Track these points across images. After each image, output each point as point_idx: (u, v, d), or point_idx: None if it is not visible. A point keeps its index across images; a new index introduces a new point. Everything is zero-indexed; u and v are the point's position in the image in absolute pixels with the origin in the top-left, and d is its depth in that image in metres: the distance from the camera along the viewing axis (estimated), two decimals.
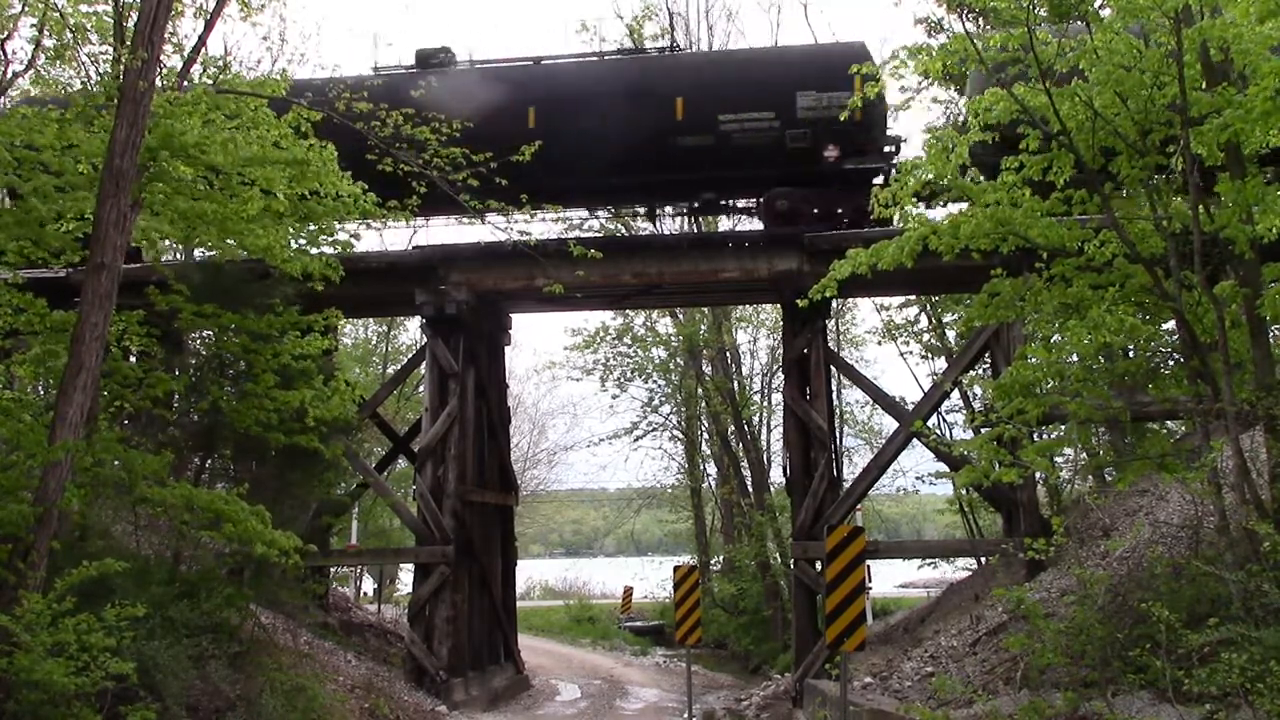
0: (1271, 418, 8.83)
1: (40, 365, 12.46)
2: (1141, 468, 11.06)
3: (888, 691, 11.40)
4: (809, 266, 15.76)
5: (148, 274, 13.72)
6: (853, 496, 16.52)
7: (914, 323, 26.54)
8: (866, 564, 11.75)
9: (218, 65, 11.90)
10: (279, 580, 12.30)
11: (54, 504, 8.30)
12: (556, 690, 19.86)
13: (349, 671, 14.05)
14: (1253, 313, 9.19)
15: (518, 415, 33.55)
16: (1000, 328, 14.91)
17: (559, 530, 71.10)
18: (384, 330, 32.79)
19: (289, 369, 12.44)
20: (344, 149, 11.58)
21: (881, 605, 26.27)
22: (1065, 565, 11.86)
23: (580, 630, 31.83)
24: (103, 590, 8.68)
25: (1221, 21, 8.42)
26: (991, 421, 11.17)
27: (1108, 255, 10.03)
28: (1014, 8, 9.31)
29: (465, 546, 17.03)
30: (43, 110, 10.76)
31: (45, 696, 7.45)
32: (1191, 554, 9.11)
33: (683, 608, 13.97)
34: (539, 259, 14.75)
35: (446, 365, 17.03)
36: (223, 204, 10.83)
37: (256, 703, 9.81)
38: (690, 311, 28.40)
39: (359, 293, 16.34)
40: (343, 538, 22.37)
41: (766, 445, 30.52)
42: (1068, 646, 8.52)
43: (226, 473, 13.59)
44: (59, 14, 10.83)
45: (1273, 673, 6.62)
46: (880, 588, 28.48)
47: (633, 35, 29.17)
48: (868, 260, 10.29)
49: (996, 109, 9.79)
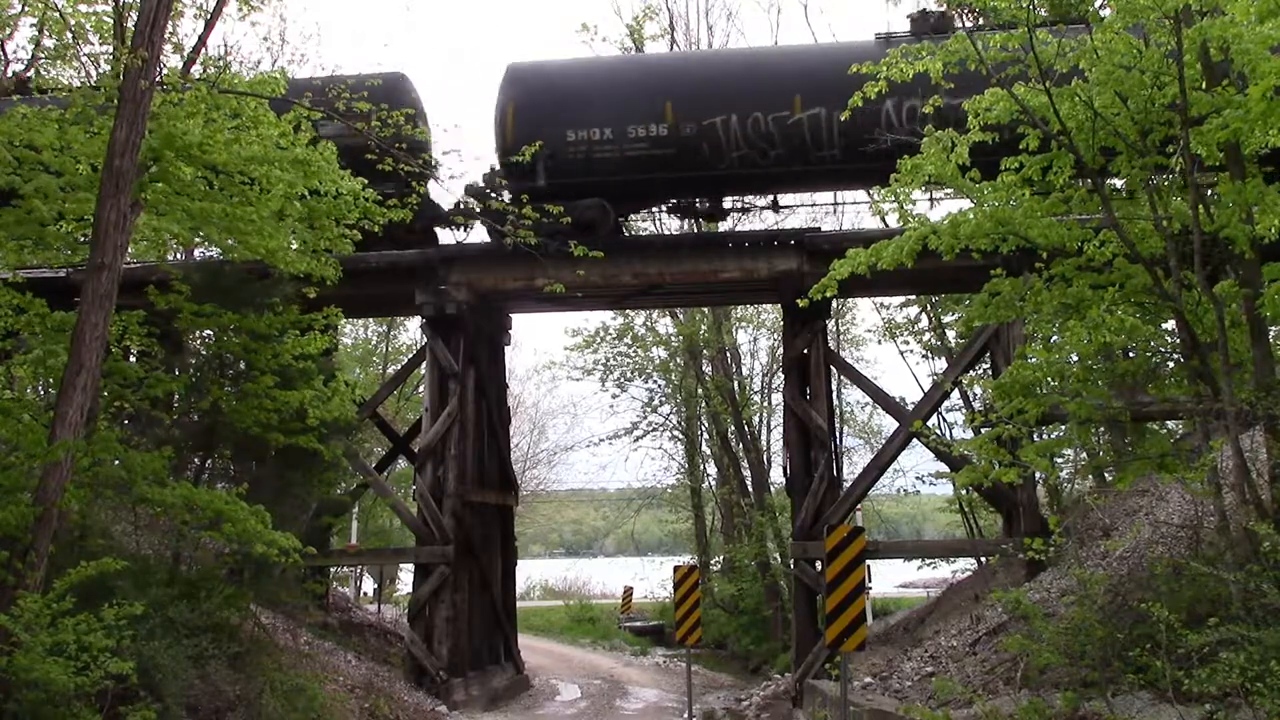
0: (1271, 418, 8.82)
1: (40, 365, 12.45)
2: (1141, 468, 11.06)
3: (888, 691, 11.40)
4: (809, 266, 15.76)
5: (148, 274, 13.72)
6: (853, 496, 16.52)
7: (914, 323, 26.56)
8: (866, 564, 11.75)
9: (218, 65, 11.89)
10: (279, 580, 12.30)
11: (54, 504, 8.30)
12: (556, 690, 19.86)
13: (349, 671, 14.05)
14: (1253, 313, 9.19)
15: (518, 415, 33.56)
16: (1000, 328, 14.91)
17: (559, 530, 71.05)
18: (384, 330, 32.80)
19: (289, 369, 12.44)
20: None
21: (881, 605, 26.28)
22: (1065, 565, 11.86)
23: (580, 630, 31.83)
24: (102, 590, 8.68)
25: (1221, 21, 8.42)
26: (991, 421, 11.18)
27: (1108, 255, 10.03)
28: (1014, 8, 9.31)
29: (465, 546, 17.03)
30: (43, 110, 10.75)
31: (45, 696, 7.44)
32: (1191, 554, 9.10)
33: (683, 608, 13.98)
34: (539, 259, 14.76)
35: (446, 365, 17.03)
36: (231, 205, 10.81)
37: (256, 703, 9.81)
38: (690, 311, 28.40)
39: (359, 293, 16.35)
40: (343, 538, 22.38)
41: (766, 445, 30.55)
42: (1067, 646, 8.52)
43: (226, 473, 13.59)
44: (59, 14, 10.82)
45: (1273, 673, 6.61)
46: (880, 588, 28.50)
47: (633, 35, 29.18)
48: (867, 260, 10.28)
49: (997, 109, 9.79)
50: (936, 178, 10.05)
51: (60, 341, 11.21)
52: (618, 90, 16.67)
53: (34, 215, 10.46)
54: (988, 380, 14.73)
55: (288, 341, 12.60)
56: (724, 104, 16.01)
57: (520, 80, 16.86)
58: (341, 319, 14.11)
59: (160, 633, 9.29)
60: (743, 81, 16.31)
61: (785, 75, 16.20)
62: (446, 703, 15.30)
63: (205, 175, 10.77)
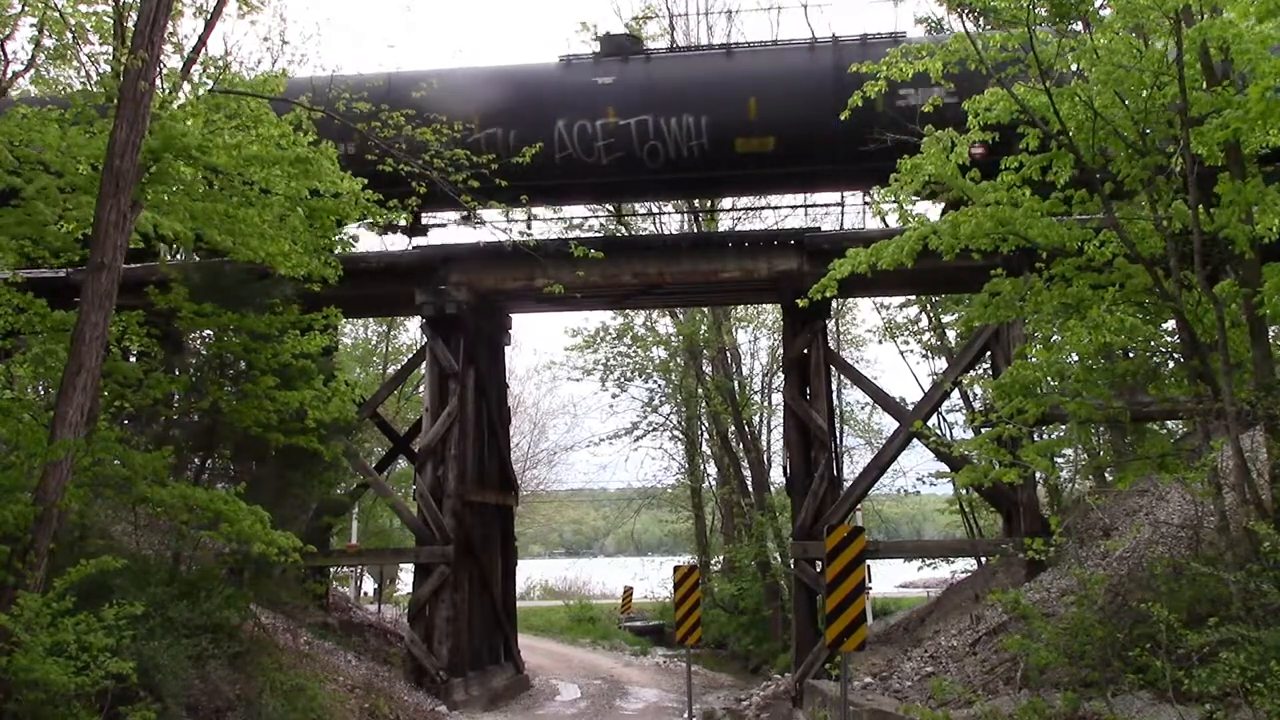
0: (1271, 418, 8.82)
1: (40, 365, 12.46)
2: (1141, 468, 11.07)
3: (888, 691, 11.40)
4: (809, 266, 15.76)
5: (148, 274, 13.72)
6: (853, 496, 16.52)
7: (914, 323, 26.56)
8: (866, 564, 11.75)
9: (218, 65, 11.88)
10: (279, 580, 12.32)
11: (54, 504, 8.29)
12: (556, 690, 19.86)
13: (349, 671, 14.04)
14: (1252, 312, 9.18)
15: (518, 415, 33.55)
16: (1000, 328, 14.91)
17: (559, 530, 71.02)
18: (384, 330, 32.79)
19: (289, 368, 12.43)
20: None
21: (881, 605, 26.29)
22: (1065, 565, 11.85)
23: (580, 630, 31.81)
24: (102, 590, 8.68)
25: (1221, 21, 8.42)
26: (991, 421, 11.17)
27: (1108, 255, 10.03)
28: (1014, 8, 9.31)
29: (465, 546, 17.03)
30: (43, 110, 10.75)
31: (45, 696, 7.44)
32: (1191, 554, 9.09)
33: (683, 608, 13.97)
34: (539, 259, 14.76)
35: (446, 365, 17.03)
36: (232, 207, 10.81)
37: (256, 703, 9.81)
38: (690, 311, 28.39)
39: (359, 293, 16.35)
40: (343, 538, 22.36)
41: (766, 445, 30.55)
42: (1067, 646, 8.51)
43: (226, 473, 13.59)
44: (59, 14, 10.82)
45: (1273, 673, 6.61)
46: (880, 588, 28.51)
47: (633, 35, 29.14)
48: (867, 260, 10.29)
49: (996, 109, 9.79)
50: (936, 178, 10.05)
51: (60, 341, 11.22)
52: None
53: (34, 215, 10.46)
54: (988, 380, 14.74)
55: (287, 341, 12.60)
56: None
57: None
58: (341, 319, 14.12)
59: (160, 633, 9.29)
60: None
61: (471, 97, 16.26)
62: (446, 703, 15.30)
63: (206, 176, 10.77)
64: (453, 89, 15.81)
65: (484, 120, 15.96)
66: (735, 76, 16.27)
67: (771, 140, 15.91)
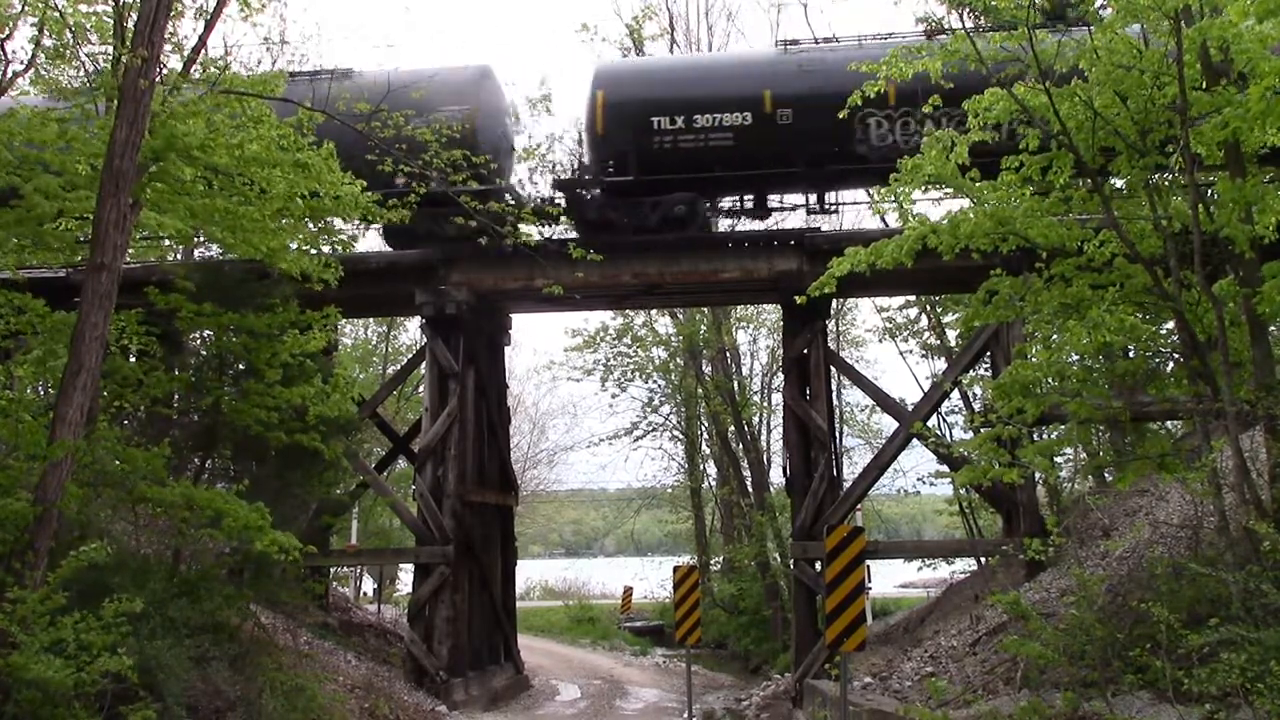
0: (1271, 418, 8.82)
1: (40, 365, 12.45)
2: (1141, 468, 11.08)
3: (888, 691, 11.40)
4: (809, 266, 15.77)
5: (148, 274, 13.71)
6: (853, 497, 16.52)
7: (914, 323, 26.55)
8: (866, 564, 11.75)
9: (218, 66, 11.88)
10: (279, 580, 12.28)
11: (53, 503, 8.29)
12: (556, 690, 19.86)
13: (349, 671, 14.05)
14: (1252, 312, 9.18)
15: (518, 415, 33.56)
16: (1000, 328, 14.91)
17: (559, 530, 71.02)
18: (384, 330, 32.79)
19: (289, 367, 12.42)
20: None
21: (881, 605, 26.28)
22: (1065, 565, 11.86)
23: (580, 630, 31.81)
24: (102, 590, 8.66)
25: (1221, 21, 8.42)
26: (991, 421, 11.17)
27: (1108, 255, 10.03)
28: (1014, 7, 9.31)
29: (465, 547, 17.03)
30: (43, 110, 10.74)
31: (44, 696, 7.42)
32: (1191, 554, 9.09)
33: (683, 608, 13.97)
34: (539, 259, 14.76)
35: (446, 365, 17.03)
36: (232, 204, 10.80)
37: (256, 703, 9.80)
38: (690, 311, 28.38)
39: (359, 293, 16.35)
40: (343, 538, 22.36)
41: (766, 445, 30.54)
42: (1067, 647, 8.51)
43: (226, 472, 13.58)
44: (59, 14, 10.82)
45: (1273, 673, 6.61)
46: (880, 588, 28.49)
47: (633, 35, 29.17)
48: (867, 259, 10.29)
49: (996, 108, 9.79)
50: (936, 178, 10.05)
51: (60, 341, 11.20)
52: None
53: (34, 214, 10.45)
54: (988, 380, 14.73)
55: (287, 340, 12.59)
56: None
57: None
58: (341, 319, 14.11)
59: (161, 632, 9.27)
60: None
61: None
62: (446, 703, 15.30)
63: (205, 175, 10.77)
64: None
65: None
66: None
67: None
